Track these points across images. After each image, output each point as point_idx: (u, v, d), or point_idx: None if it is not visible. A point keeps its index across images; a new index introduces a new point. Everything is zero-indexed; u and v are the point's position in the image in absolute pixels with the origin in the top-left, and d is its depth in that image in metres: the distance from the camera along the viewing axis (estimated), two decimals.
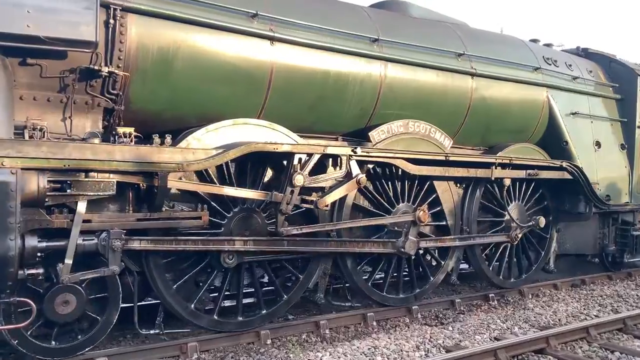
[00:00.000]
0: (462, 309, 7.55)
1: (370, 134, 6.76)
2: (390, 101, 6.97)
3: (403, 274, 7.30)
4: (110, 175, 4.78)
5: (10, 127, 4.59)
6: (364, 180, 6.26)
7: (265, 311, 6.10)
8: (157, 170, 4.92)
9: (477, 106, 7.73)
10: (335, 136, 6.93)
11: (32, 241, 4.49)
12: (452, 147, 7.54)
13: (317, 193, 6.11)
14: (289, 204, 5.70)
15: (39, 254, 4.58)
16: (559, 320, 7.08)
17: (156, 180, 4.95)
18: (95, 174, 4.73)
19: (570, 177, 8.31)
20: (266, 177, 6.04)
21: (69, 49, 4.76)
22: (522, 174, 7.88)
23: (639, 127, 9.87)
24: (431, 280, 7.42)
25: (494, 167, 7.50)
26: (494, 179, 7.57)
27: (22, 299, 4.47)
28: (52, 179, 4.54)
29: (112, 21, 5.02)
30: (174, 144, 5.40)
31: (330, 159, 6.16)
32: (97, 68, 4.99)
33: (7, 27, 4.41)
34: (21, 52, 4.67)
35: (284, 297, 6.23)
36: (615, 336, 6.57)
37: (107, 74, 5.05)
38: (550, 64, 8.81)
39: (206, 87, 5.69)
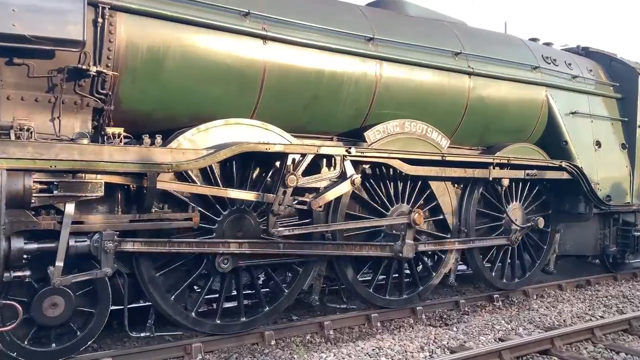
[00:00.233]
0: (467, 309, 7.53)
1: (366, 134, 6.67)
2: (386, 101, 6.89)
3: (405, 273, 7.26)
4: (97, 176, 4.72)
5: None
6: (358, 180, 6.20)
7: (267, 308, 6.06)
8: (146, 171, 4.86)
9: (474, 106, 7.63)
10: (331, 136, 6.84)
11: (18, 243, 4.43)
12: (450, 147, 7.44)
13: (311, 194, 6.04)
14: (281, 204, 5.63)
15: (25, 256, 4.51)
16: (564, 321, 7.05)
17: (145, 181, 4.89)
18: (83, 175, 4.67)
19: (570, 177, 8.22)
20: (259, 177, 5.96)
21: (56, 48, 4.69)
22: (521, 174, 7.80)
23: None
24: (434, 275, 7.37)
25: (491, 167, 7.42)
26: (491, 179, 7.50)
27: (7, 301, 4.42)
28: (38, 179, 4.49)
29: (100, 20, 4.95)
30: (165, 144, 5.33)
31: (324, 160, 6.11)
32: (86, 67, 4.91)
33: None
34: (7, 51, 4.59)
35: (285, 292, 6.19)
36: (620, 337, 6.53)
37: (96, 74, 4.98)
38: (549, 63, 8.71)
39: (197, 86, 5.62)
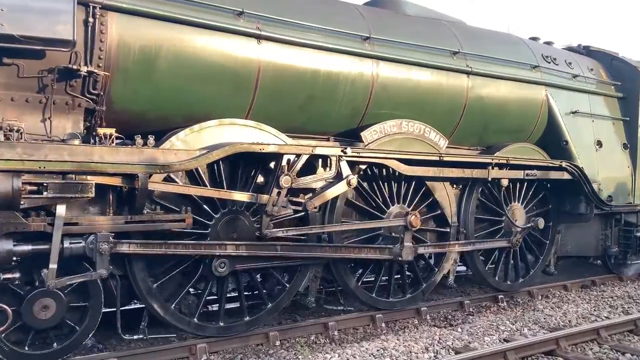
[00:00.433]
0: (471, 310, 7.51)
1: (362, 134, 6.59)
2: (383, 100, 6.82)
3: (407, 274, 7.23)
4: (87, 177, 4.66)
5: None
6: (354, 181, 6.13)
7: (270, 304, 6.03)
8: (137, 172, 4.81)
9: (473, 105, 7.56)
10: (327, 136, 6.78)
11: (6, 245, 4.39)
12: (448, 147, 7.36)
13: (307, 195, 5.98)
14: (275, 205, 5.56)
15: (15, 258, 4.47)
16: (569, 321, 7.03)
17: (137, 182, 4.83)
18: (73, 176, 4.61)
19: (571, 178, 8.12)
20: (253, 178, 5.89)
21: (46, 48, 4.65)
22: (520, 174, 7.70)
23: None
24: (436, 271, 7.32)
25: (490, 167, 7.33)
26: (490, 179, 7.41)
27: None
28: (27, 181, 4.43)
29: (91, 19, 4.90)
30: (158, 145, 5.28)
31: (320, 160, 6.03)
32: (76, 68, 4.85)
33: None
34: None
35: (286, 286, 6.15)
36: (626, 337, 6.52)
37: (87, 74, 4.93)
38: (549, 62, 8.62)
39: (190, 86, 5.56)
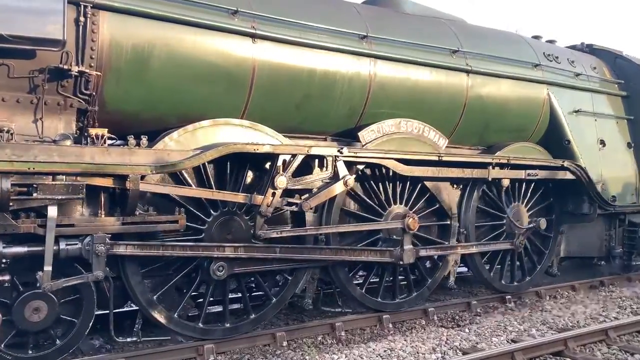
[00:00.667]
0: (479, 310, 7.44)
1: (360, 133, 6.51)
2: (381, 100, 6.73)
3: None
4: (78, 178, 4.61)
5: None
6: (351, 181, 6.06)
7: (275, 299, 6.00)
8: (129, 172, 4.75)
9: (473, 104, 7.46)
10: (324, 136, 6.70)
11: None
12: (448, 146, 7.27)
13: (302, 196, 5.91)
14: (269, 206, 5.50)
15: (4, 260, 4.42)
16: (577, 322, 6.96)
17: (128, 183, 4.78)
18: (63, 177, 4.56)
19: (573, 177, 8.02)
20: (247, 179, 5.83)
21: (36, 48, 4.61)
22: (522, 174, 7.61)
23: None
24: (440, 265, 7.29)
25: (490, 167, 7.24)
26: (491, 179, 7.32)
27: None
28: (16, 182, 4.38)
29: (82, 19, 4.85)
30: (151, 145, 5.22)
31: (316, 160, 5.96)
32: (68, 67, 4.80)
33: None
34: None
35: (289, 279, 6.13)
36: (635, 338, 6.44)
37: (78, 74, 4.87)
38: (551, 61, 8.51)
39: (184, 86, 5.50)
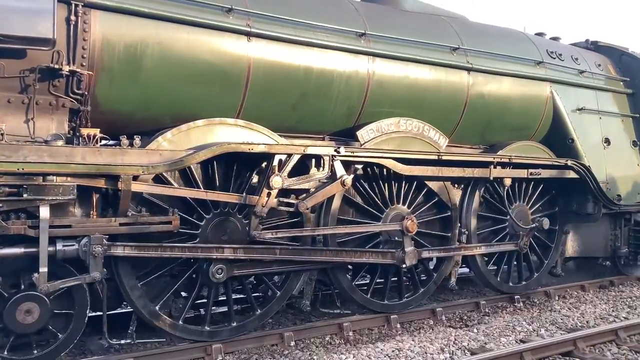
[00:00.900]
0: (487, 310, 7.40)
1: (358, 133, 6.42)
2: (380, 98, 6.64)
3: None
4: (68, 178, 4.56)
5: None
6: (349, 181, 5.97)
7: (279, 293, 6.00)
8: (120, 173, 4.70)
9: (474, 103, 7.35)
10: (322, 136, 6.61)
11: None
12: (449, 145, 7.17)
13: (299, 196, 5.84)
14: (264, 206, 5.42)
15: None
16: (587, 322, 6.90)
17: (120, 184, 4.72)
18: (54, 177, 4.51)
19: (577, 177, 7.88)
20: (242, 179, 5.76)
21: (26, 47, 4.56)
22: (524, 173, 7.48)
23: None
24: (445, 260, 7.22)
25: (492, 166, 7.12)
26: (492, 179, 7.20)
27: None
28: (6, 183, 4.34)
29: (73, 18, 4.79)
30: (144, 145, 5.16)
31: (313, 160, 5.88)
32: (59, 67, 4.75)
33: None
34: None
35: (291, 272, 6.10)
36: None
37: (69, 73, 4.82)
38: (554, 58, 8.37)
39: (178, 86, 5.43)
